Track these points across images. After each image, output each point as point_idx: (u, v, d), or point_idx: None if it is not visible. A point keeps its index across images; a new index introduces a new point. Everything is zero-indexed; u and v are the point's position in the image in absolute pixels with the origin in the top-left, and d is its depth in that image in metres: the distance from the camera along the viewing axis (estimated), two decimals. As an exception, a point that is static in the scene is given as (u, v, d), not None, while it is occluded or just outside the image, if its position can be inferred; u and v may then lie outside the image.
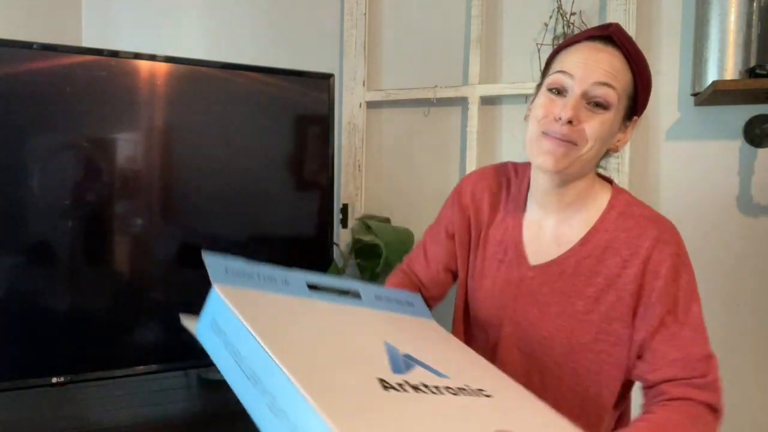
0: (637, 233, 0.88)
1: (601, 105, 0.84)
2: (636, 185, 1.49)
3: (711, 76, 1.36)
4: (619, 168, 1.46)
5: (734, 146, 1.44)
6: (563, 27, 1.53)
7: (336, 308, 0.77)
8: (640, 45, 1.48)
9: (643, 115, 1.58)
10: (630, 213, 0.91)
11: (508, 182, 1.03)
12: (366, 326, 0.74)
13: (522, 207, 0.99)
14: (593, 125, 0.84)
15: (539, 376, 0.93)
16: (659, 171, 1.50)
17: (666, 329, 0.85)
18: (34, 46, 1.13)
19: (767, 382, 1.42)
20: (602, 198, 0.94)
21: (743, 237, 1.44)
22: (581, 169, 0.88)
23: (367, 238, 1.46)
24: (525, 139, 0.91)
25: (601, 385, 0.91)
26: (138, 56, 1.22)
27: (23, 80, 1.12)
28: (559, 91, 0.86)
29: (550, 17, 1.55)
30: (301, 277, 0.79)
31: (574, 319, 0.90)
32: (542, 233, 0.96)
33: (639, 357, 0.88)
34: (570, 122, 0.83)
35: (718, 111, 1.44)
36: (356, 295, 0.83)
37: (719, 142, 1.45)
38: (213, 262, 0.73)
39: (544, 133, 0.86)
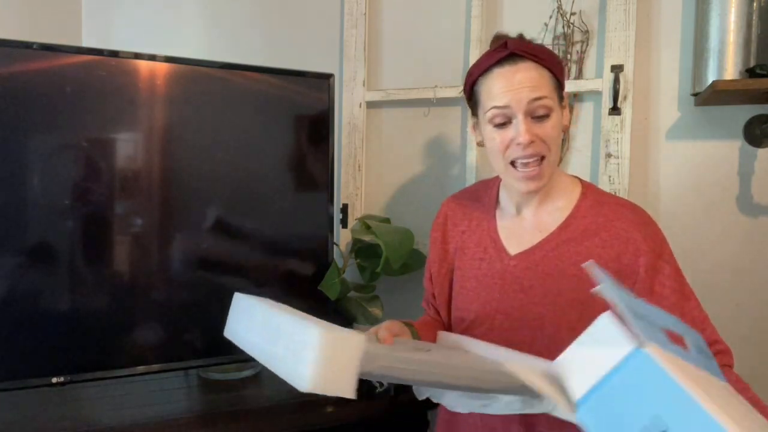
0: (614, 217, 0.96)
1: (542, 115, 0.92)
2: (636, 185, 1.50)
3: (711, 76, 1.36)
4: (620, 168, 1.46)
5: (734, 146, 1.44)
6: (563, 27, 1.53)
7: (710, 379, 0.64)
8: (641, 45, 1.49)
9: (643, 116, 1.58)
10: (604, 201, 1.00)
11: (479, 194, 1.11)
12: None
13: (494, 208, 1.07)
14: (547, 133, 0.92)
15: None
16: (659, 171, 1.50)
17: (665, 300, 0.92)
18: (34, 46, 1.13)
19: (767, 382, 1.42)
20: (574, 188, 1.02)
21: (743, 237, 1.44)
22: (555, 169, 0.98)
23: (367, 238, 1.46)
24: (493, 165, 0.99)
25: None
26: (138, 56, 1.22)
27: (23, 80, 1.12)
28: (504, 123, 0.93)
29: (550, 17, 1.55)
30: (658, 321, 0.66)
31: (562, 297, 0.94)
32: (522, 224, 1.02)
33: None
34: (531, 142, 0.91)
35: (718, 111, 1.44)
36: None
37: (719, 142, 1.45)
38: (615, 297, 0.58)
39: (512, 164, 0.94)
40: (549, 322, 0.94)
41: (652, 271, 0.92)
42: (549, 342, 0.94)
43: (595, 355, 0.60)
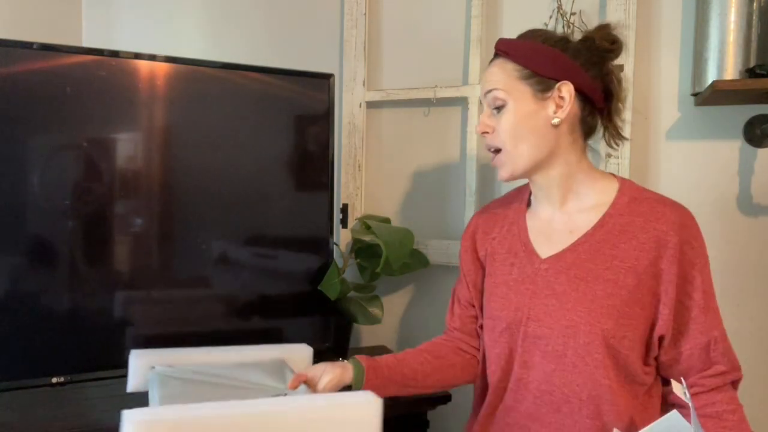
0: (654, 217, 0.92)
1: (499, 107, 0.95)
2: (636, 185, 1.50)
3: (711, 76, 1.36)
4: (619, 168, 1.46)
5: (734, 146, 1.44)
6: (563, 27, 1.53)
7: None
8: (640, 45, 1.49)
9: (643, 116, 1.58)
10: (643, 197, 0.95)
11: (510, 201, 1.10)
12: None
13: (525, 211, 1.04)
14: (500, 124, 0.95)
15: (560, 377, 0.92)
16: (659, 171, 1.50)
17: (688, 312, 0.90)
18: (34, 46, 1.13)
19: (767, 382, 1.42)
20: (609, 186, 0.98)
21: (743, 237, 1.45)
22: (532, 161, 0.95)
23: (367, 238, 1.46)
24: None
25: (628, 372, 0.91)
26: (138, 56, 1.22)
27: (23, 80, 1.12)
28: None
29: (550, 17, 1.55)
30: None
31: (596, 304, 0.89)
32: (552, 227, 0.99)
33: (663, 340, 0.91)
34: (486, 133, 0.95)
35: (718, 111, 1.44)
36: None
37: (719, 142, 1.45)
38: None
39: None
40: (583, 330, 0.89)
41: (682, 281, 0.90)
42: (583, 352, 0.89)
43: None
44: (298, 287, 1.40)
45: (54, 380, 1.15)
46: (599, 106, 0.97)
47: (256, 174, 1.35)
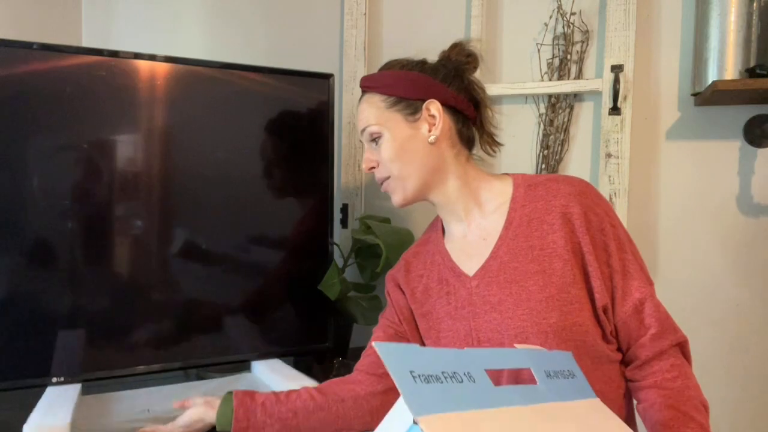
0: (552, 195, 0.91)
1: (376, 139, 0.98)
2: (636, 185, 1.50)
3: (711, 76, 1.36)
4: (619, 168, 1.46)
5: (734, 146, 1.44)
6: (563, 27, 1.53)
7: (530, 414, 0.64)
8: (641, 45, 1.49)
9: (643, 116, 1.57)
10: (536, 182, 0.95)
11: (428, 237, 1.09)
12: None
13: (441, 240, 1.04)
14: (381, 155, 0.97)
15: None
16: (659, 171, 1.50)
17: (606, 281, 0.88)
18: (34, 46, 1.13)
19: (767, 382, 1.42)
20: (505, 185, 0.98)
21: (743, 237, 1.45)
22: (421, 183, 0.97)
23: (367, 238, 1.46)
24: None
25: (594, 356, 0.89)
26: (138, 56, 1.22)
27: (23, 80, 1.12)
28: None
29: (550, 17, 1.55)
30: (479, 362, 0.64)
31: (534, 300, 0.88)
32: (468, 241, 0.99)
33: (607, 311, 0.89)
34: (372, 168, 0.99)
35: (718, 111, 1.45)
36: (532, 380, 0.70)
37: (719, 142, 1.45)
38: (395, 366, 0.56)
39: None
40: (532, 332, 0.86)
41: (598, 249, 0.88)
42: None
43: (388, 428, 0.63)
44: (297, 287, 1.40)
45: (54, 380, 1.15)
46: (471, 117, 1.00)
47: (256, 174, 1.35)
